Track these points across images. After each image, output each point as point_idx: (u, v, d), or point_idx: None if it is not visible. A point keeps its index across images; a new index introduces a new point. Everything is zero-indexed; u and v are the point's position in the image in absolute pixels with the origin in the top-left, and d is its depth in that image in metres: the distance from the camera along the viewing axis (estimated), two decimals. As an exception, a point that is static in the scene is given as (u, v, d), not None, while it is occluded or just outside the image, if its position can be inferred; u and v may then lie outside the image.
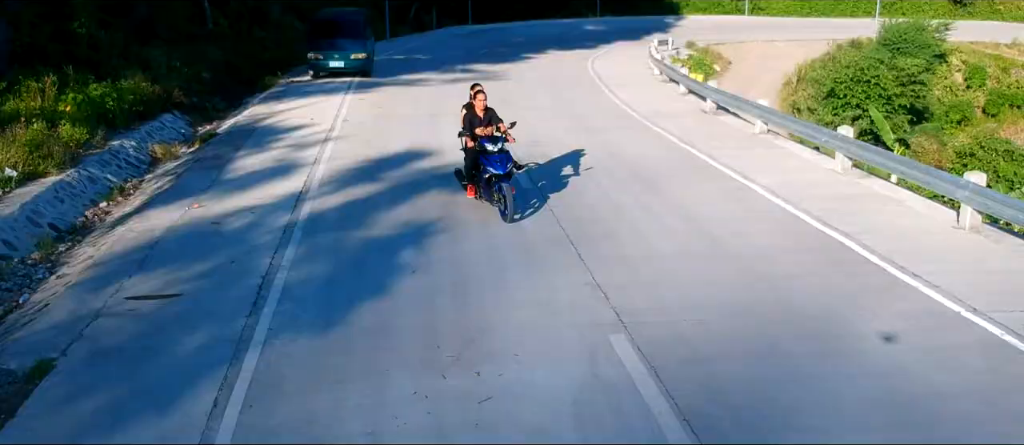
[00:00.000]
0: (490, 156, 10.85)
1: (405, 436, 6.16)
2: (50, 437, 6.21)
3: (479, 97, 11.28)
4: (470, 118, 11.25)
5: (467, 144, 11.28)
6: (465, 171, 11.72)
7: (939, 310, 8.33)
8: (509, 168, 10.86)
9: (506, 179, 10.79)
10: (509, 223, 10.75)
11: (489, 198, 11.17)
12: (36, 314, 8.70)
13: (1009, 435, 6.13)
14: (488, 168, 10.83)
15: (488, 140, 10.90)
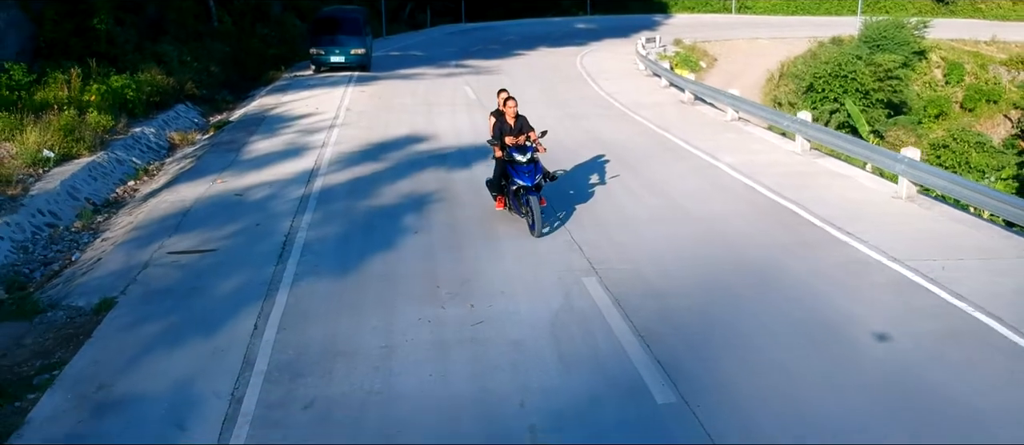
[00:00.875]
0: (518, 166, 10.31)
1: (413, 348, 7.59)
2: (121, 352, 7.62)
3: (510, 104, 10.77)
4: (500, 126, 10.71)
5: (496, 153, 10.78)
6: (494, 182, 11.13)
7: (863, 259, 9.80)
8: (537, 180, 10.33)
9: (534, 191, 10.30)
10: (537, 238, 10.31)
11: (518, 210, 10.65)
12: (92, 266, 10.12)
13: (907, 349, 7.58)
14: (516, 179, 10.31)
15: (517, 150, 10.37)
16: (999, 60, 47.77)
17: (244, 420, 6.43)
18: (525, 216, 10.53)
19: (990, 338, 7.75)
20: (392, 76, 26.47)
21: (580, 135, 16.99)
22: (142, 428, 6.38)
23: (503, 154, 10.55)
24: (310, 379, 7.05)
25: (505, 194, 10.93)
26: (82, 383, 7.07)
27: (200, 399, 6.76)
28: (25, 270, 10.71)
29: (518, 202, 10.57)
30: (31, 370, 7.41)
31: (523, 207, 10.49)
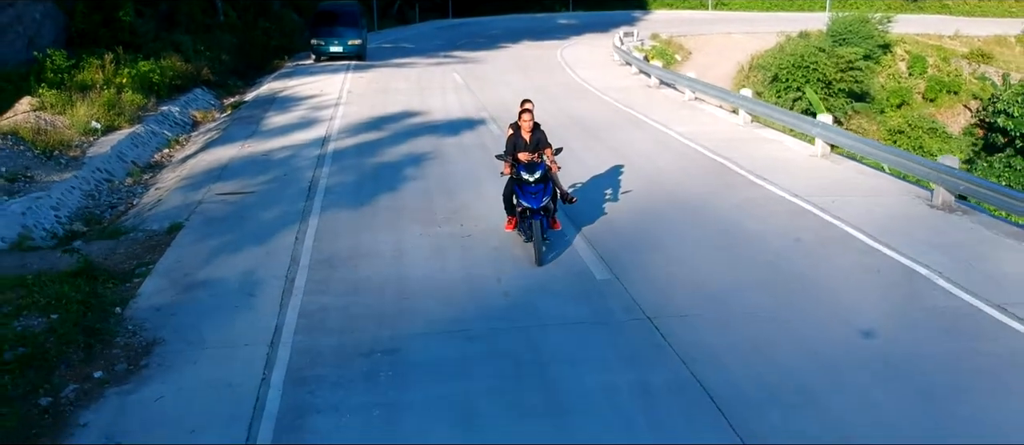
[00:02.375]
0: (525, 186, 9.43)
1: (418, 251, 10.08)
2: (196, 254, 10.06)
3: (525, 116, 9.87)
4: (514, 140, 9.87)
5: (505, 170, 9.78)
6: (505, 199, 10.07)
7: (772, 196, 12.36)
8: (545, 202, 9.37)
9: (540, 214, 9.37)
10: (539, 267, 9.32)
11: (525, 234, 9.69)
12: (155, 205, 12.56)
13: (788, 250, 10.11)
14: (521, 200, 9.45)
15: (525, 167, 9.47)
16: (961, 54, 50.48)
17: (298, 292, 8.90)
18: (528, 241, 9.59)
19: (853, 243, 10.32)
20: (386, 65, 28.91)
21: (555, 110, 19.50)
22: (223, 297, 8.84)
23: (511, 171, 9.63)
24: (342, 269, 9.54)
25: (516, 214, 9.85)
26: (172, 273, 9.52)
27: (262, 280, 9.24)
28: (95, 212, 13.13)
29: (523, 225, 9.62)
30: (130, 266, 9.85)
31: (528, 231, 9.53)
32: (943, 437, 6.15)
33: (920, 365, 7.23)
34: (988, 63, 50.22)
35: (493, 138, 16.21)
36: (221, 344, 7.76)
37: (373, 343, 7.72)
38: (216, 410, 6.64)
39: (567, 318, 8.21)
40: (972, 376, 7.05)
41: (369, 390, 6.92)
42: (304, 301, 8.67)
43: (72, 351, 7.52)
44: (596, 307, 8.50)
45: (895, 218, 11.31)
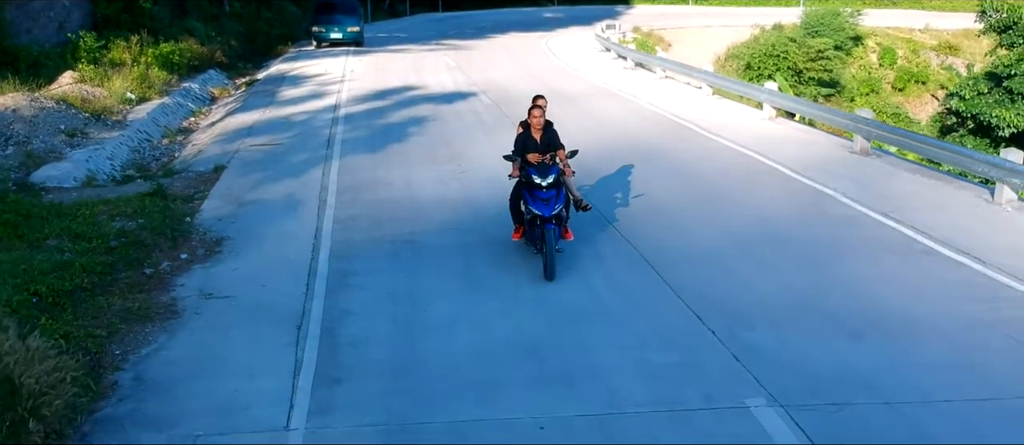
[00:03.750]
0: (536, 191, 8.56)
1: (424, 181, 12.35)
2: (243, 184, 12.27)
3: (536, 113, 9.02)
4: (524, 139, 9.02)
5: (512, 172, 8.93)
6: (512, 206, 9.27)
7: (720, 145, 14.69)
8: (557, 210, 8.48)
9: (552, 223, 8.46)
10: (549, 280, 8.41)
11: (534, 244, 8.83)
12: (197, 155, 14.77)
13: (724, 180, 12.42)
14: (531, 206, 8.55)
15: (536, 170, 8.61)
16: (930, 46, 52.98)
17: (330, 207, 11.15)
18: (539, 252, 8.69)
19: (778, 174, 12.66)
20: (383, 50, 31.13)
21: (539, 86, 21.74)
22: (271, 210, 11.07)
23: (521, 174, 8.79)
24: (364, 193, 11.80)
25: (524, 223, 8.99)
26: (225, 196, 11.75)
27: (301, 200, 11.48)
28: (142, 163, 15.31)
29: (532, 234, 8.73)
30: (189, 193, 12.07)
31: (538, 241, 8.62)
32: (818, 285, 8.46)
33: (810, 245, 9.57)
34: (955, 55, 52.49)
35: (483, 106, 18.49)
36: (276, 238, 10.00)
37: (395, 236, 9.99)
38: (280, 274, 8.88)
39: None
40: (848, 252, 9.38)
41: (395, 262, 9.19)
42: (337, 213, 10.93)
43: (161, 241, 9.75)
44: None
45: (818, 159, 13.67)
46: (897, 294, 8.18)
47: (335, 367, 6.88)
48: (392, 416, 6.15)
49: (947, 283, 8.49)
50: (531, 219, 8.69)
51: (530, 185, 8.68)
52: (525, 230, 9.04)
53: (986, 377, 6.59)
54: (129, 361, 7.03)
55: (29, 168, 13.27)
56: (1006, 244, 9.59)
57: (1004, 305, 7.94)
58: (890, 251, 9.41)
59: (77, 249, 9.12)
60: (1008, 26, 31.96)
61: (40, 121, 15.37)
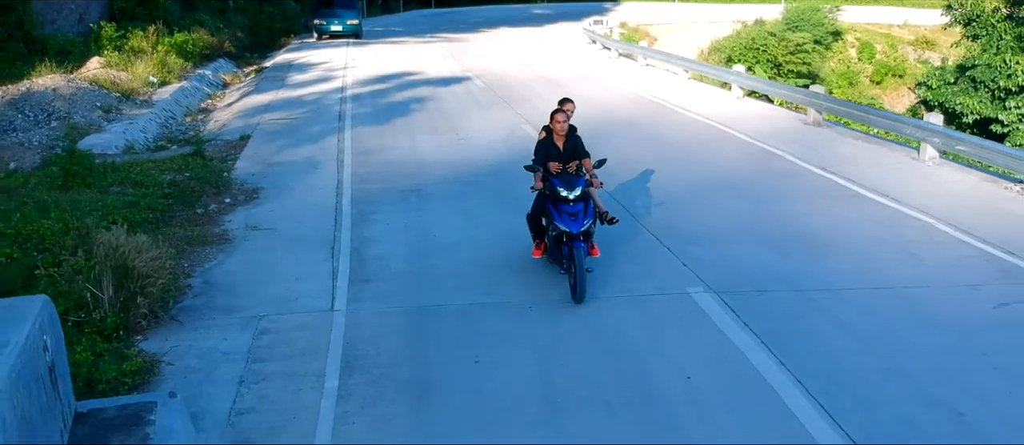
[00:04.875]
0: (561, 205, 7.76)
1: (427, 146, 14.09)
2: (268, 149, 13.99)
3: (559, 117, 8.27)
4: (545, 147, 8.27)
5: (536, 183, 8.17)
6: (531, 221, 8.53)
7: (690, 118, 16.49)
8: (587, 226, 7.71)
9: (581, 240, 7.68)
10: (578, 303, 7.66)
11: (558, 262, 8.07)
12: (221, 128, 16.47)
13: (690, 143, 14.19)
14: (557, 222, 7.71)
15: (562, 182, 7.82)
16: (907, 41, 54.84)
17: (347, 166, 12.88)
18: (566, 272, 7.94)
19: (738, 140, 14.45)
20: (381, 42, 32.86)
21: (529, 73, 23.57)
22: (296, 168, 12.79)
23: (544, 186, 7.97)
24: (375, 155, 13.54)
25: (546, 238, 8.24)
26: (254, 158, 13.47)
27: (321, 161, 13.21)
28: (171, 136, 17.00)
29: (558, 252, 7.96)
30: (222, 155, 13.78)
31: (565, 260, 7.88)
32: (758, 217, 10.23)
33: (754, 188, 11.37)
34: (932, 49, 54.32)
35: (477, 89, 20.26)
36: (303, 189, 11.74)
37: (404, 186, 11.74)
38: (311, 213, 10.62)
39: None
40: (787, 196, 11.17)
41: (405, 205, 10.94)
42: (353, 170, 12.66)
43: (207, 189, 11.48)
44: (552, 170, 12.57)
45: (774, 129, 15.48)
46: (822, 224, 9.98)
47: (364, 273, 8.63)
48: (412, 302, 7.91)
49: (865, 216, 10.28)
50: (557, 236, 7.78)
51: (555, 198, 7.76)
52: (547, 247, 8.19)
53: (882, 276, 8.37)
54: (197, 272, 8.75)
55: (74, 138, 14.94)
56: (921, 189, 11.39)
57: (907, 231, 9.74)
58: (823, 195, 11.20)
59: (138, 193, 10.84)
60: (971, 19, 33.85)
61: (78, 99, 17.04)
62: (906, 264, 8.71)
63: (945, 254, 8.97)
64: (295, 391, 6.35)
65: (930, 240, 9.40)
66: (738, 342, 6.97)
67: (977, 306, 7.65)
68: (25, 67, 18.67)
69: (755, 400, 6.09)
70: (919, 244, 9.27)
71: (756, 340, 6.98)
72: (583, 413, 5.94)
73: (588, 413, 5.93)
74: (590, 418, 5.87)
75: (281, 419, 5.98)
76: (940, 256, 8.90)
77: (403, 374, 6.58)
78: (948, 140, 12.33)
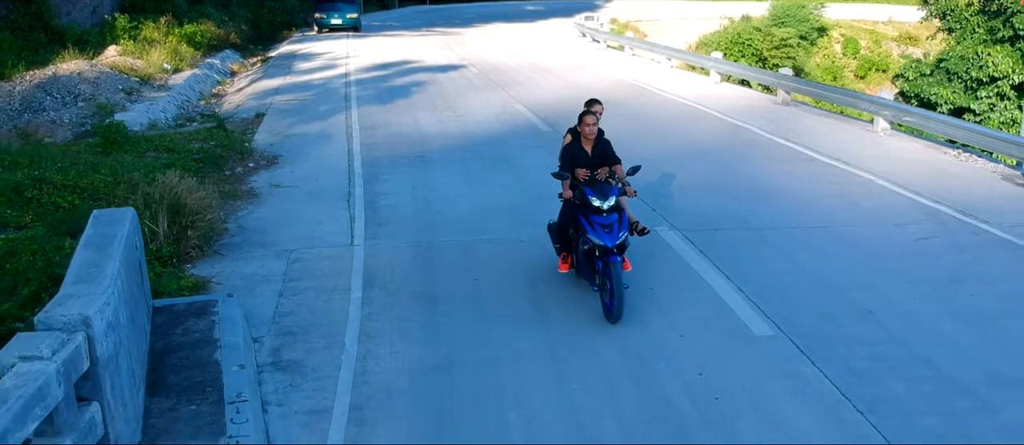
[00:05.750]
0: (593, 216, 7.15)
1: (428, 121, 15.44)
2: (282, 124, 15.32)
3: (588, 120, 7.63)
4: (572, 152, 7.69)
5: (565, 192, 7.55)
6: (556, 231, 7.97)
7: (670, 99, 17.86)
8: (622, 239, 7.09)
9: (616, 254, 7.03)
10: (614, 324, 7.02)
11: (589, 277, 7.44)
12: (236, 108, 17.79)
13: (668, 118, 15.57)
14: (590, 235, 7.08)
15: (594, 190, 7.22)
16: (891, 37, 56.30)
17: (356, 138, 14.20)
18: (599, 289, 7.26)
19: (712, 117, 15.84)
20: (379, 35, 34.19)
21: (522, 61, 24.93)
22: (309, 139, 14.12)
23: (573, 194, 7.41)
24: (381, 129, 14.88)
25: (573, 251, 7.69)
26: (271, 131, 14.80)
27: (331, 134, 14.54)
28: (190, 116, 18.31)
29: (590, 267, 7.34)
30: (240, 129, 15.10)
31: (598, 276, 7.23)
32: (722, 175, 11.60)
33: (720, 154, 12.75)
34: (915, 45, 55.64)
35: (472, 75, 21.62)
36: (318, 156, 13.08)
37: (408, 153, 13.09)
38: (327, 174, 11.96)
39: (523, 146, 13.63)
40: (749, 159, 12.54)
41: (411, 168, 12.29)
42: (362, 141, 14.00)
43: (232, 155, 12.82)
44: (539, 141, 13.94)
45: (746, 107, 16.88)
46: (777, 181, 11.36)
47: (377, 218, 9.99)
48: (420, 238, 9.27)
49: (816, 174, 11.67)
50: (589, 250, 7.18)
51: (586, 208, 7.17)
52: (576, 261, 7.57)
53: (822, 218, 9.75)
54: (231, 220, 10.08)
55: (102, 116, 16.24)
56: (870, 154, 12.79)
57: (851, 185, 11.13)
58: (781, 159, 12.59)
59: (171, 157, 12.16)
60: (946, 12, 35.31)
61: (101, 82, 18.34)
62: (845, 209, 10.10)
63: (880, 202, 10.36)
64: (326, 300, 7.69)
65: (869, 192, 10.79)
66: (695, 265, 8.34)
67: (900, 239, 9.04)
68: (47, 54, 19.97)
69: (705, 304, 7.46)
70: (859, 195, 10.66)
71: (710, 264, 8.35)
72: (562, 313, 7.30)
73: (567, 314, 7.30)
74: (568, 318, 7.23)
75: (317, 318, 7.32)
76: (876, 203, 10.30)
77: (415, 289, 7.93)
78: (897, 112, 13.73)
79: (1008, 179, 11.46)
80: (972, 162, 12.41)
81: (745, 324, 7.10)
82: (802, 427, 5.57)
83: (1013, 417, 5.64)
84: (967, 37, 34.12)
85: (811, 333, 6.84)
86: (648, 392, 5.98)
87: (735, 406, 5.78)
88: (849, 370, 6.25)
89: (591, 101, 8.31)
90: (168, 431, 5.27)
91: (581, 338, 6.84)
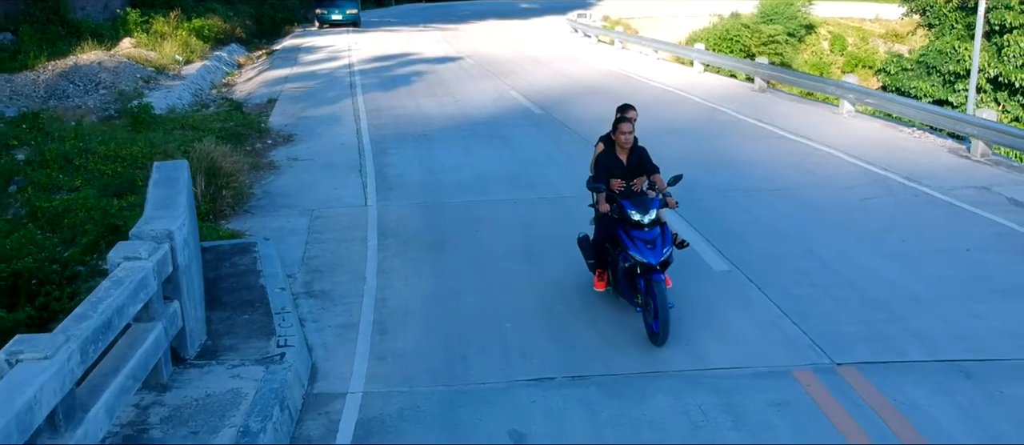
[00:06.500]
0: (634, 231, 6.66)
1: (430, 106, 16.66)
2: (294, 107, 16.53)
3: (624, 127, 7.09)
4: (606, 161, 7.18)
5: (600, 206, 7.01)
6: (591, 247, 7.46)
7: (653, 86, 19.11)
8: (667, 255, 6.63)
9: (659, 271, 6.55)
10: (659, 346, 6.55)
11: (629, 296, 6.90)
12: (248, 95, 18.98)
13: (651, 102, 16.80)
14: (631, 252, 6.59)
15: (634, 204, 6.73)
16: (878, 34, 57.58)
17: (363, 119, 15.42)
18: (641, 308, 6.76)
19: (693, 102, 17.09)
20: (378, 30, 35.39)
21: (516, 53, 26.17)
22: (320, 121, 15.33)
23: (609, 208, 6.89)
24: (386, 112, 16.10)
25: (609, 267, 7.25)
26: (284, 114, 16.01)
27: (340, 116, 15.75)
28: (204, 103, 19.50)
29: (631, 285, 6.83)
30: (255, 113, 16.30)
31: (639, 295, 6.75)
32: (697, 150, 12.84)
33: (697, 132, 14.00)
34: (901, 42, 56.93)
35: (469, 65, 22.85)
36: (330, 135, 14.30)
37: (412, 133, 14.32)
38: (339, 150, 13.18)
39: (517, 125, 14.86)
40: (722, 136, 13.79)
41: (415, 144, 13.51)
42: (369, 122, 15.23)
43: (251, 133, 14.03)
44: (532, 121, 15.18)
45: (724, 94, 18.15)
46: (746, 154, 12.62)
47: (387, 184, 11.22)
48: (426, 199, 10.50)
49: (781, 149, 12.93)
50: (630, 268, 6.71)
51: (625, 222, 6.71)
52: (614, 278, 7.08)
53: (783, 183, 11.00)
54: (256, 187, 11.29)
55: (123, 102, 17.43)
56: (833, 132, 14.06)
57: (812, 157, 12.40)
58: (752, 137, 13.85)
59: (196, 135, 13.35)
60: (925, 8, 36.64)
61: (120, 71, 19.53)
62: (803, 176, 11.36)
63: (836, 171, 11.62)
64: (347, 247, 8.93)
65: (827, 163, 12.06)
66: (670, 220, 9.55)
67: (847, 199, 10.31)
68: (66, 46, 21.15)
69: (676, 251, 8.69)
70: (818, 165, 11.92)
71: (682, 219, 9.59)
72: (550, 256, 8.54)
73: (554, 257, 8.54)
74: (556, 261, 8.48)
75: (340, 259, 8.55)
76: (831, 172, 11.56)
77: (424, 238, 9.17)
78: (860, 95, 15.02)
79: (953, 152, 12.74)
80: (924, 138, 13.69)
81: (706, 262, 8.34)
82: (745, 333, 6.82)
83: (918, 324, 6.90)
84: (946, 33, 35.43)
85: (760, 267, 8.09)
86: (625, 317, 7.21)
87: (694, 323, 7.01)
88: (788, 294, 7.50)
89: (625, 106, 7.52)
90: (229, 333, 6.50)
91: (568, 276, 8.08)
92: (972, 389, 5.96)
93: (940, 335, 6.71)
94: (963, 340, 6.63)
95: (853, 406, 5.76)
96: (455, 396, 6.00)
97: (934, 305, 7.26)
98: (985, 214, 9.66)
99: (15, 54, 20.75)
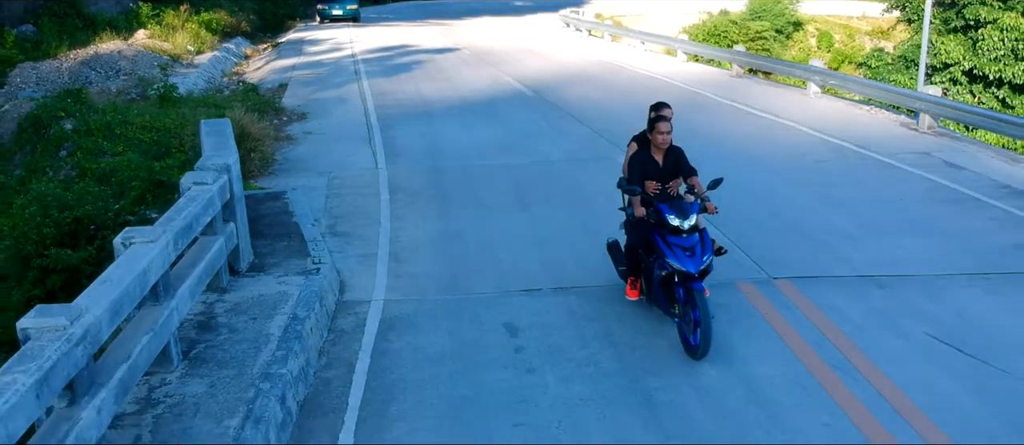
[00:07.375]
0: (672, 237, 6.31)
1: (429, 90, 17.99)
2: (305, 92, 17.84)
3: (662, 127, 6.78)
4: (641, 162, 6.84)
5: (635, 210, 6.66)
6: (625, 253, 7.08)
7: (640, 74, 20.48)
8: (706, 263, 6.25)
9: (698, 280, 6.17)
10: (697, 360, 6.18)
11: (665, 306, 6.54)
12: (260, 81, 20.29)
13: (637, 87, 18.16)
14: (669, 260, 6.23)
15: (671, 208, 6.39)
16: (864, 31, 58.95)
17: (370, 100, 16.75)
18: (679, 320, 6.38)
19: (677, 87, 18.45)
20: (378, 24, 36.72)
21: (511, 44, 27.52)
22: (330, 102, 16.65)
23: (645, 213, 6.57)
24: (390, 95, 17.43)
25: (643, 276, 6.92)
26: (295, 95, 17.33)
27: (347, 98, 17.08)
28: (217, 88, 20.80)
29: (667, 295, 6.47)
30: (269, 95, 17.61)
31: (677, 305, 6.38)
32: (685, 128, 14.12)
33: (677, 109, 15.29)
34: (887, 39, 58.32)
35: (466, 56, 24.19)
36: (339, 112, 15.63)
37: (415, 111, 15.66)
38: (349, 125, 14.51)
39: (511, 105, 16.21)
40: (698, 112, 15.15)
41: (418, 121, 14.85)
42: (375, 103, 16.56)
43: (268, 110, 15.35)
44: (525, 102, 16.52)
45: (704, 80, 19.53)
46: (717, 128, 13.97)
47: (395, 152, 12.55)
48: (429, 163, 11.86)
49: (750, 124, 14.30)
50: (667, 276, 6.37)
51: (663, 228, 6.38)
52: (647, 287, 6.82)
53: (747, 151, 12.36)
54: (277, 155, 12.61)
55: (144, 87, 18.73)
56: (798, 110, 15.43)
57: (775, 130, 13.76)
58: (725, 114, 15.22)
59: (219, 112, 14.66)
60: (904, 4, 38.07)
61: (138, 60, 20.83)
62: (767, 145, 12.73)
63: (795, 140, 13.00)
64: (362, 199, 10.27)
65: (789, 134, 13.44)
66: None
67: (802, 162, 11.68)
68: (84, 37, 22.45)
69: (645, 198, 10.05)
70: (780, 136, 13.30)
71: (654, 177, 10.93)
72: (541, 205, 9.89)
73: (545, 206, 9.89)
74: (547, 206, 9.82)
75: (357, 208, 9.89)
76: (791, 141, 12.94)
77: (429, 192, 10.52)
78: (824, 77, 16.40)
79: (904, 125, 14.13)
80: (880, 114, 15.08)
81: (674, 212, 9.68)
82: (701, 258, 8.16)
83: (846, 252, 8.27)
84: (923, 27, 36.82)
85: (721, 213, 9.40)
86: (599, 245, 8.57)
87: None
88: (740, 232, 8.87)
89: (660, 104, 7.20)
90: (271, 255, 7.83)
91: (556, 224, 9.43)
92: (884, 296, 7.32)
93: (863, 260, 8.08)
94: (882, 264, 8.00)
95: (783, 307, 7.12)
96: (460, 301, 7.35)
97: (862, 240, 8.62)
98: (921, 173, 11.04)
99: (37, 44, 22.08)
